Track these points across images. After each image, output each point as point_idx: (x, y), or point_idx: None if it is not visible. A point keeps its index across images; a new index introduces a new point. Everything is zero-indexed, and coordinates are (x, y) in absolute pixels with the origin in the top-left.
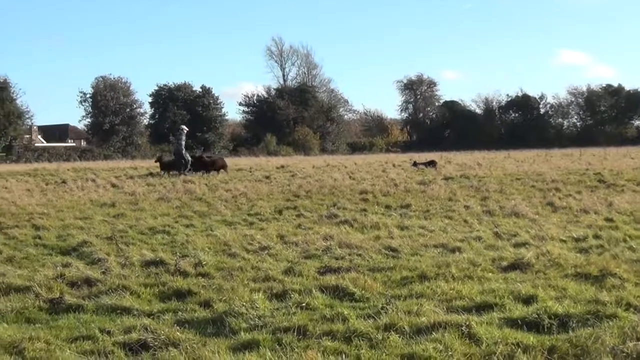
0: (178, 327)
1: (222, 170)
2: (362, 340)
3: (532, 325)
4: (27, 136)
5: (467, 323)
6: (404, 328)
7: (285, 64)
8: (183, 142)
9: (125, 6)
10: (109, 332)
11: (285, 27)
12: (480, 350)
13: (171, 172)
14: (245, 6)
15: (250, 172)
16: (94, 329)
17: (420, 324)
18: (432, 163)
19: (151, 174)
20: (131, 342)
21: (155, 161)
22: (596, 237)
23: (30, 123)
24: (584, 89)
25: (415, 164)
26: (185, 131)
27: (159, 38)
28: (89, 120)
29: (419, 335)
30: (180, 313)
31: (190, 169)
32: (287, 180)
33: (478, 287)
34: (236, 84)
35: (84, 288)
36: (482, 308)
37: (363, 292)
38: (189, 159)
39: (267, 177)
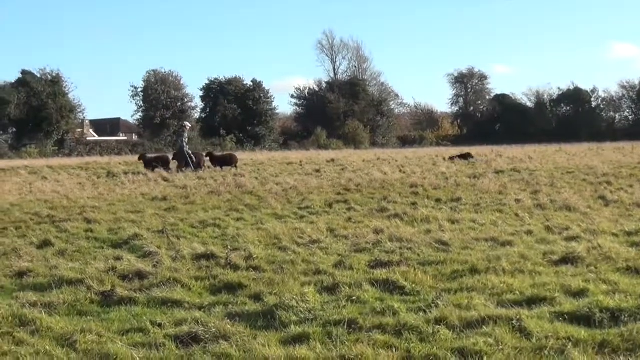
0: (229, 320)
1: (233, 166)
2: (413, 333)
3: (583, 320)
4: (79, 130)
5: (518, 317)
6: (455, 322)
7: (335, 57)
8: (186, 139)
9: (176, 1)
10: (160, 325)
11: (335, 20)
12: (530, 344)
13: (172, 170)
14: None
15: (301, 165)
16: (146, 321)
17: (471, 317)
18: (467, 156)
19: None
20: (182, 335)
21: (139, 159)
22: None
23: (82, 117)
24: (636, 82)
25: (451, 158)
26: (188, 127)
27: (209, 32)
28: (140, 114)
29: (470, 329)
30: (230, 306)
31: (191, 168)
32: (337, 174)
33: (529, 281)
34: (285, 78)
35: (136, 281)
36: (533, 302)
37: (413, 285)
38: (191, 156)
39: (318, 171)
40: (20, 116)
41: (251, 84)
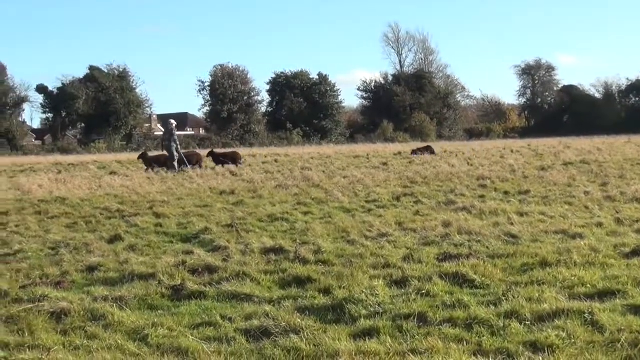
0: (298, 314)
1: (235, 162)
2: (483, 327)
3: None
4: (147, 125)
5: (590, 310)
6: (526, 315)
7: (402, 50)
8: (174, 137)
9: None
10: (230, 319)
11: (400, 12)
12: (603, 337)
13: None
14: None
15: (368, 158)
16: (216, 315)
17: (542, 311)
18: (428, 149)
19: (268, 162)
20: (252, 329)
21: (139, 158)
22: None
23: (149, 112)
24: None
25: (413, 151)
26: (174, 125)
27: (276, 26)
28: (207, 108)
29: (541, 323)
30: (300, 300)
31: (179, 166)
32: (404, 167)
33: (600, 273)
34: (350, 72)
35: (205, 275)
36: (605, 295)
37: (483, 278)
38: (177, 154)
39: (385, 164)
40: (88, 111)
41: (317, 77)
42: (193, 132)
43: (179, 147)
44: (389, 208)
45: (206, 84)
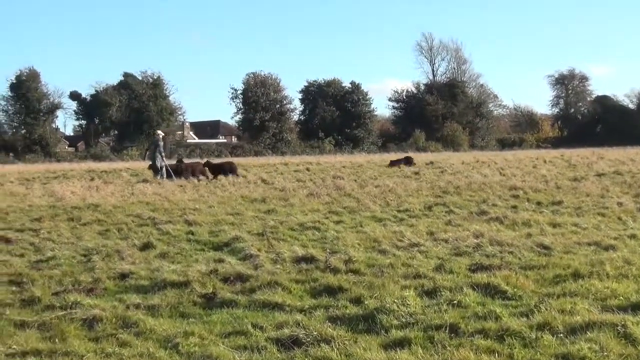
0: (329, 324)
1: (231, 173)
2: (515, 339)
3: None
4: (179, 132)
5: (623, 323)
6: (558, 327)
7: (434, 59)
8: (160, 148)
9: (274, 3)
10: (261, 328)
11: (433, 22)
12: (636, 351)
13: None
14: (389, 1)
15: (399, 168)
16: (247, 324)
17: (574, 323)
18: (407, 160)
19: (300, 170)
20: (283, 338)
21: (149, 168)
22: None
23: (182, 119)
24: None
25: (392, 163)
26: (162, 136)
27: (307, 35)
28: (240, 116)
29: (574, 335)
30: (331, 309)
31: (164, 176)
32: (436, 177)
33: (633, 286)
34: (381, 80)
35: (237, 283)
36: (638, 307)
37: (515, 290)
38: (162, 166)
39: (416, 173)
40: (121, 118)
41: (349, 86)
42: (225, 140)
43: (164, 158)
44: (420, 218)
45: (239, 92)
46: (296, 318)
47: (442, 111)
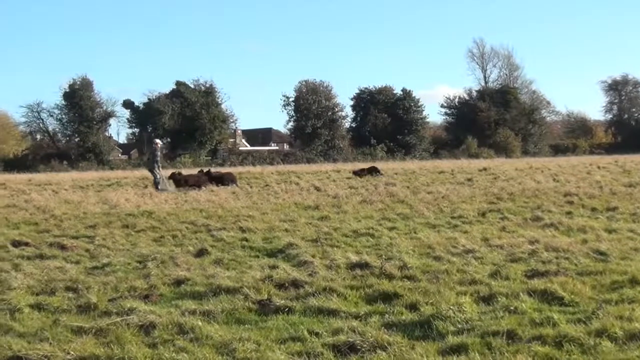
0: (385, 330)
1: (232, 183)
2: (573, 345)
3: None
4: (232, 140)
5: None
6: (617, 334)
7: (486, 65)
8: (157, 158)
9: (326, 12)
10: (317, 334)
11: (484, 28)
12: None
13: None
14: (439, 9)
15: (452, 174)
16: (303, 330)
17: (634, 329)
18: (373, 170)
19: (352, 178)
20: (339, 344)
21: (169, 178)
22: None
23: (234, 127)
24: None
25: (355, 172)
26: (160, 145)
27: (359, 41)
28: (292, 124)
29: (633, 342)
30: (387, 315)
31: (160, 185)
32: (489, 183)
33: None
34: (433, 87)
35: (291, 290)
36: None
37: (572, 296)
38: (160, 175)
39: (469, 180)
40: (174, 126)
41: (401, 93)
42: (277, 148)
43: (160, 167)
44: (474, 224)
45: (290, 100)
46: (352, 324)
47: (495, 117)
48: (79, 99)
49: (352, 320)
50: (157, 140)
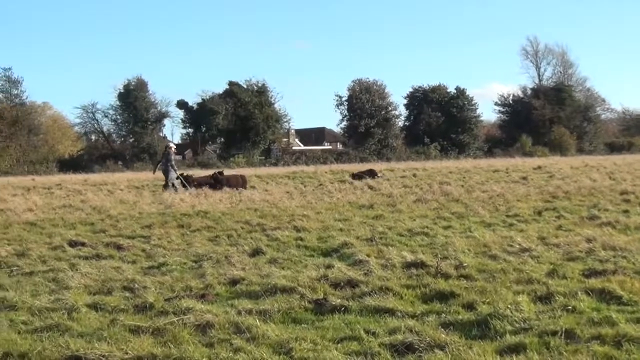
0: (442, 329)
1: (240, 187)
2: (633, 345)
3: None
4: (285, 139)
5: None
6: None
7: (540, 63)
8: (172, 162)
9: (379, 11)
10: (374, 333)
11: (538, 26)
12: None
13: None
14: (491, 7)
15: (507, 173)
16: (359, 329)
17: None
18: (371, 173)
19: (406, 176)
20: (396, 344)
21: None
22: None
23: (287, 126)
24: None
25: (353, 176)
26: (174, 149)
27: (411, 40)
28: (345, 123)
29: None
30: (443, 315)
31: (172, 189)
32: (544, 181)
33: None
34: (485, 85)
35: (347, 289)
36: None
37: (631, 295)
38: (175, 178)
39: (524, 178)
40: (227, 126)
41: (455, 91)
42: (330, 147)
43: (176, 170)
44: (530, 223)
45: (344, 99)
46: (408, 323)
47: (549, 115)
48: (133, 100)
49: (408, 320)
50: (172, 144)
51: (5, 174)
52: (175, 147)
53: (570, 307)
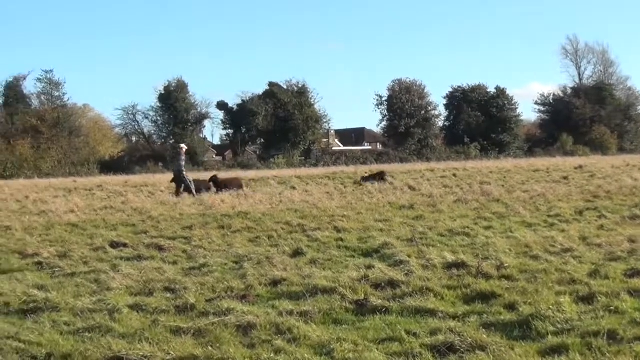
0: (484, 330)
1: (237, 189)
2: None
3: None
4: (325, 140)
5: None
6: None
7: (580, 62)
8: (183, 162)
9: (417, 11)
10: (415, 334)
11: (578, 25)
12: None
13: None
14: (529, 6)
15: (547, 172)
16: (400, 330)
17: None
18: (380, 175)
19: (446, 176)
20: (438, 344)
21: (171, 181)
22: None
23: (327, 127)
24: None
25: (363, 179)
26: (185, 150)
27: (450, 40)
28: (385, 123)
29: None
30: (485, 316)
31: (191, 192)
32: (585, 181)
33: None
34: (525, 85)
35: (388, 290)
36: None
37: None
38: (189, 179)
39: (565, 178)
40: (267, 127)
41: (495, 91)
42: (370, 147)
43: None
44: (571, 223)
45: (384, 99)
46: (450, 324)
47: (590, 115)
48: (174, 101)
49: (450, 321)
50: (182, 145)
51: (47, 176)
52: (186, 147)
53: (612, 308)
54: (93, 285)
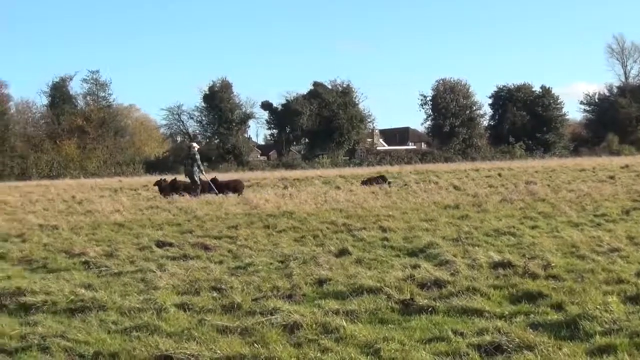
0: (531, 330)
1: (237, 191)
2: None
3: None
4: (369, 140)
5: None
6: None
7: (626, 61)
8: (198, 162)
9: (463, 10)
10: (461, 334)
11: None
12: None
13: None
14: (573, 6)
15: (593, 172)
16: (447, 330)
17: None
18: (381, 178)
19: (491, 176)
20: (485, 344)
21: (154, 184)
22: None
23: (371, 127)
24: None
25: (364, 182)
26: (197, 149)
27: (495, 39)
28: (429, 123)
29: None
30: (532, 315)
31: (196, 193)
32: (632, 180)
33: None
34: (569, 84)
35: (434, 289)
36: None
37: None
38: (200, 180)
39: (611, 177)
40: (312, 127)
41: (540, 90)
42: (415, 147)
43: (203, 172)
44: (618, 222)
45: (428, 99)
46: (496, 324)
47: (636, 114)
48: (218, 101)
49: (496, 320)
50: (194, 144)
51: (93, 176)
52: (198, 147)
53: None
54: (140, 284)
